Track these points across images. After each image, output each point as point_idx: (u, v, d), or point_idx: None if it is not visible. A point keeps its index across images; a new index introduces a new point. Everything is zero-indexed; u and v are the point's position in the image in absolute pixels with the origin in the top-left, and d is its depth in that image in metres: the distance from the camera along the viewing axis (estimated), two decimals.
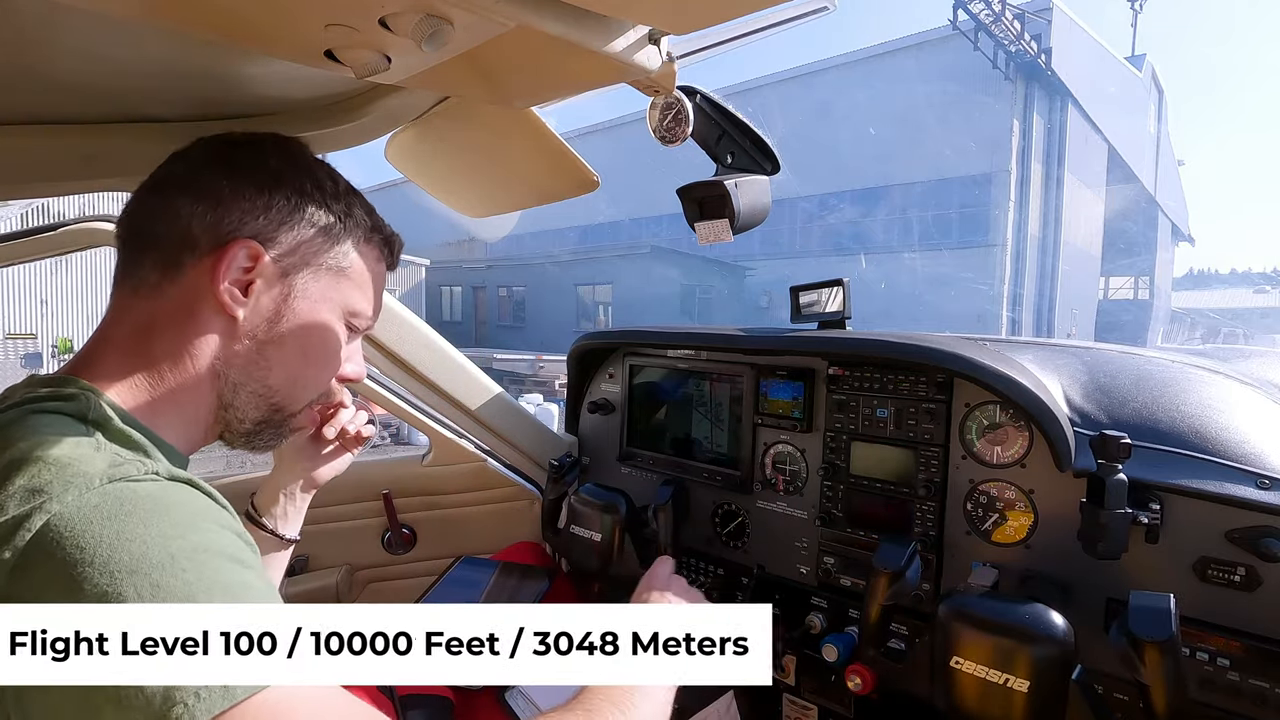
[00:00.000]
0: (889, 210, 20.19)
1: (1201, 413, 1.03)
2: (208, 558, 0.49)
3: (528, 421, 1.75)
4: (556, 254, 24.92)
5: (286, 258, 0.68)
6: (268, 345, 0.69)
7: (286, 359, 0.70)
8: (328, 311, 0.72)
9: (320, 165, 0.74)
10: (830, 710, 1.30)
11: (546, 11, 0.58)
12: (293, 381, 0.72)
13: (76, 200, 10.56)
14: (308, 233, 0.70)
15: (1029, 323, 19.50)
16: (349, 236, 0.74)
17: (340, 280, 0.73)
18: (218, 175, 0.67)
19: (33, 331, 13.37)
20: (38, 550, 0.45)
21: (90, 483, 0.49)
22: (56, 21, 0.68)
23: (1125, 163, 23.26)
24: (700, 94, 0.91)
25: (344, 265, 0.73)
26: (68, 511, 0.46)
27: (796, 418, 1.34)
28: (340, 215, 0.73)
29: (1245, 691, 0.90)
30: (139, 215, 0.69)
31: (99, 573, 0.44)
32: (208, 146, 0.71)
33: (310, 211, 0.70)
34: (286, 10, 0.56)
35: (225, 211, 0.66)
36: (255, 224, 0.67)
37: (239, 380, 0.69)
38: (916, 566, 1.07)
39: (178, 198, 0.67)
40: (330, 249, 0.72)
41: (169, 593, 0.45)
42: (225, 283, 0.65)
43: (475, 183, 1.25)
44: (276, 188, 0.68)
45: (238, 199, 0.67)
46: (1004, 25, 17.36)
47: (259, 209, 0.67)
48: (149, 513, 0.49)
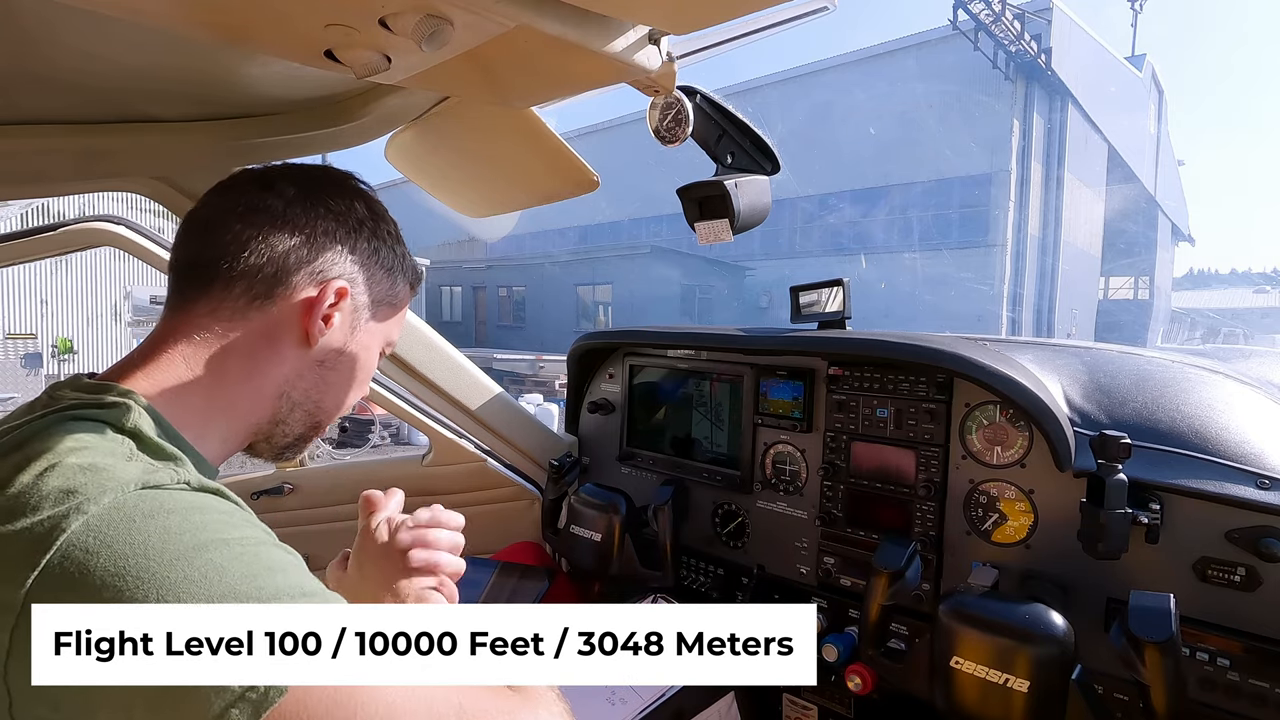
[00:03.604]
0: (889, 210, 20.18)
1: (1201, 413, 1.03)
2: (248, 546, 0.51)
3: (528, 421, 1.75)
4: (556, 254, 24.91)
5: (360, 295, 0.76)
6: (330, 371, 0.75)
7: (341, 383, 0.77)
8: (379, 342, 0.80)
9: (385, 209, 0.81)
10: (830, 710, 1.30)
11: (546, 11, 0.58)
12: (339, 403, 0.79)
13: (76, 200, 10.55)
14: (379, 274, 0.77)
15: (1029, 323, 19.49)
16: (404, 277, 0.81)
17: (392, 315, 0.81)
18: (313, 216, 0.73)
19: (33, 331, 13.36)
20: (74, 550, 0.45)
21: (125, 487, 0.50)
22: (57, 21, 0.68)
23: (1125, 163, 23.26)
24: (700, 94, 0.91)
25: (398, 303, 0.81)
26: (103, 513, 0.47)
27: (796, 418, 1.34)
28: (401, 258, 0.80)
29: (1245, 691, 0.90)
30: (223, 241, 0.70)
31: (138, 568, 0.45)
32: (297, 183, 0.74)
33: (383, 256, 0.78)
34: (286, 10, 0.56)
35: (319, 252, 0.73)
36: (343, 264, 0.74)
37: (298, 400, 0.74)
38: (916, 566, 1.07)
39: (272, 234, 0.71)
40: (391, 288, 0.80)
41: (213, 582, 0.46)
42: (318, 319, 0.72)
43: (475, 183, 1.25)
44: (359, 232, 0.76)
45: (331, 240, 0.73)
46: (1004, 25, 17.35)
47: (346, 251, 0.74)
48: (184, 514, 0.50)
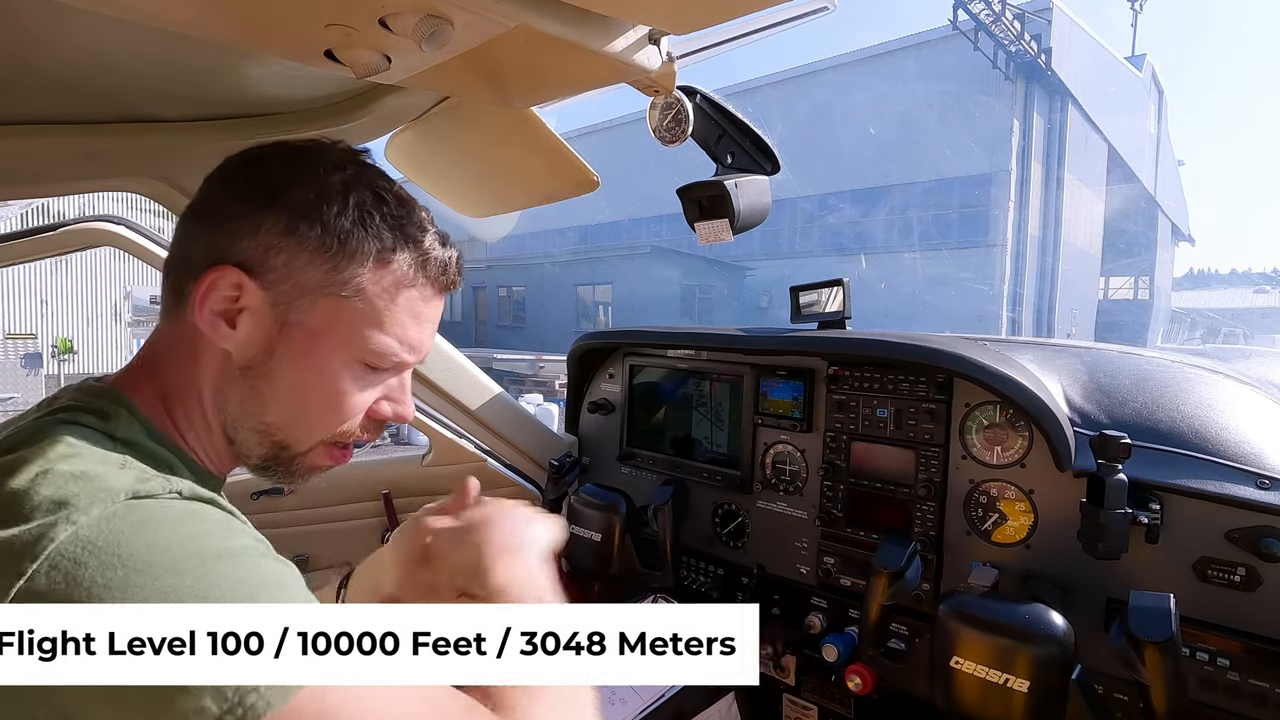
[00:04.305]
0: (889, 210, 20.18)
1: (1201, 413, 1.03)
2: (240, 557, 0.49)
3: (528, 421, 1.75)
4: (556, 254, 24.91)
5: (278, 285, 0.61)
6: (261, 381, 0.63)
7: (282, 396, 0.63)
8: (328, 346, 0.63)
9: (336, 170, 0.64)
10: (830, 710, 1.30)
11: (546, 11, 0.58)
12: (292, 420, 0.65)
13: (76, 200, 10.54)
14: (300, 257, 0.61)
15: (1029, 323, 19.49)
16: (355, 259, 0.62)
17: (344, 309, 0.63)
18: (217, 193, 0.64)
19: (33, 331, 13.36)
20: (62, 560, 0.44)
21: (115, 497, 0.48)
22: (57, 21, 0.68)
23: (1125, 163, 23.25)
24: (700, 94, 0.91)
25: (348, 293, 0.62)
26: (91, 523, 0.46)
27: (796, 418, 1.34)
28: (342, 234, 0.62)
29: (1245, 691, 0.90)
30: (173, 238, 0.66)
31: (124, 580, 0.44)
32: (225, 163, 0.66)
33: (305, 229, 0.61)
34: (286, 10, 0.56)
35: (217, 235, 0.61)
36: (243, 248, 0.60)
37: (237, 416, 0.64)
38: (916, 566, 1.07)
39: (190, 220, 0.64)
40: (330, 274, 0.62)
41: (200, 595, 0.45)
42: (206, 313, 0.60)
43: (475, 183, 1.25)
44: (270, 205, 0.61)
45: (231, 219, 0.61)
46: (1004, 25, 17.35)
47: (249, 230, 0.60)
48: (174, 525, 0.48)
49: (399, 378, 0.71)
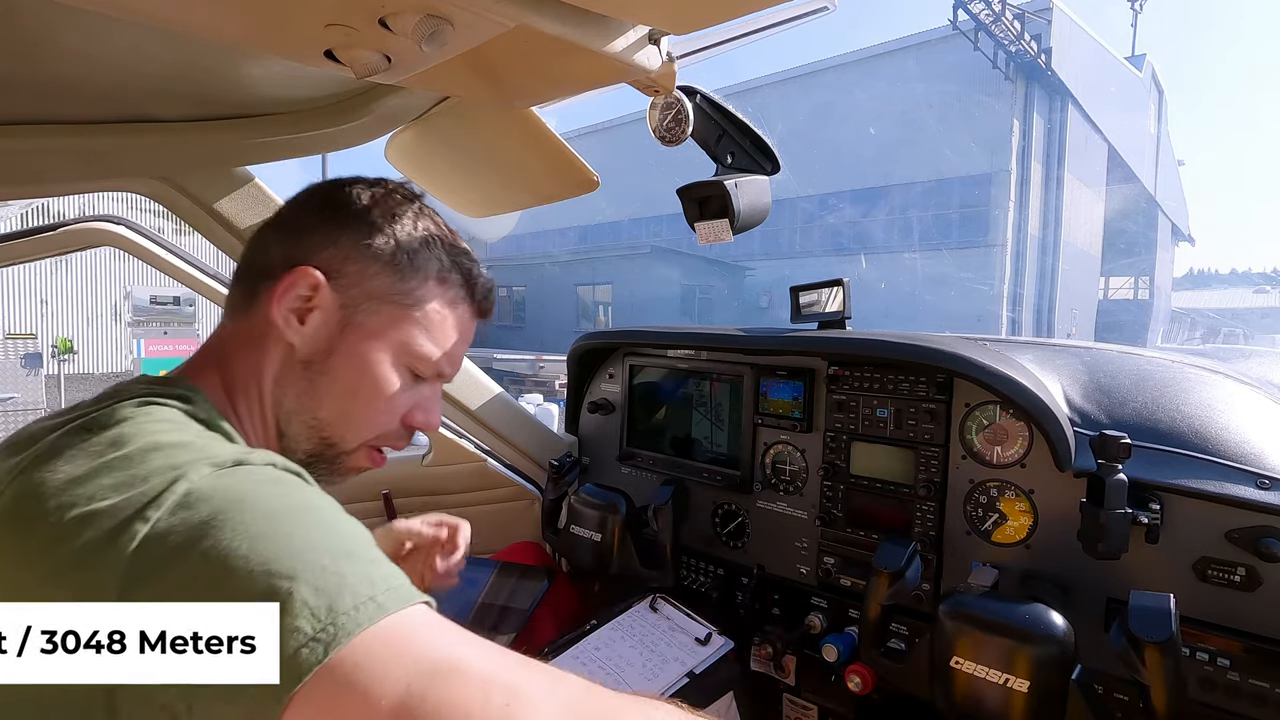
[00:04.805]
0: (889, 210, 20.18)
1: (1201, 413, 1.03)
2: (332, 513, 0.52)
3: (528, 421, 1.75)
4: (556, 254, 24.91)
5: (348, 290, 0.69)
6: (320, 376, 0.70)
7: (336, 392, 0.70)
8: (383, 348, 0.71)
9: (406, 203, 0.75)
10: (830, 710, 1.30)
11: (546, 11, 0.58)
12: (342, 416, 0.72)
13: (76, 200, 10.55)
14: (372, 267, 0.70)
15: (1029, 323, 19.49)
16: (419, 274, 0.72)
17: (402, 318, 0.72)
18: (303, 210, 0.72)
19: (33, 331, 13.36)
20: (180, 508, 0.48)
21: (224, 462, 0.52)
22: (57, 22, 0.68)
23: (1125, 163, 23.25)
24: (700, 94, 0.91)
25: (409, 303, 0.72)
26: (205, 479, 0.50)
27: (796, 418, 1.34)
28: (411, 251, 0.72)
29: (1245, 691, 0.90)
30: (245, 248, 0.75)
31: (238, 516, 0.47)
32: (309, 187, 0.75)
33: (379, 246, 0.70)
34: (286, 10, 0.56)
35: (299, 242, 0.70)
36: (322, 255, 0.69)
37: (292, 409, 0.70)
38: (916, 566, 1.07)
39: (270, 231, 0.73)
40: (396, 285, 0.71)
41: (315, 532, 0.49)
42: (282, 308, 0.68)
43: (475, 183, 1.25)
44: (350, 222, 0.71)
45: (312, 232, 0.70)
46: (1004, 25, 17.35)
47: (329, 242, 0.70)
48: (275, 483, 0.53)
49: (432, 389, 0.78)
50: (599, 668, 1.22)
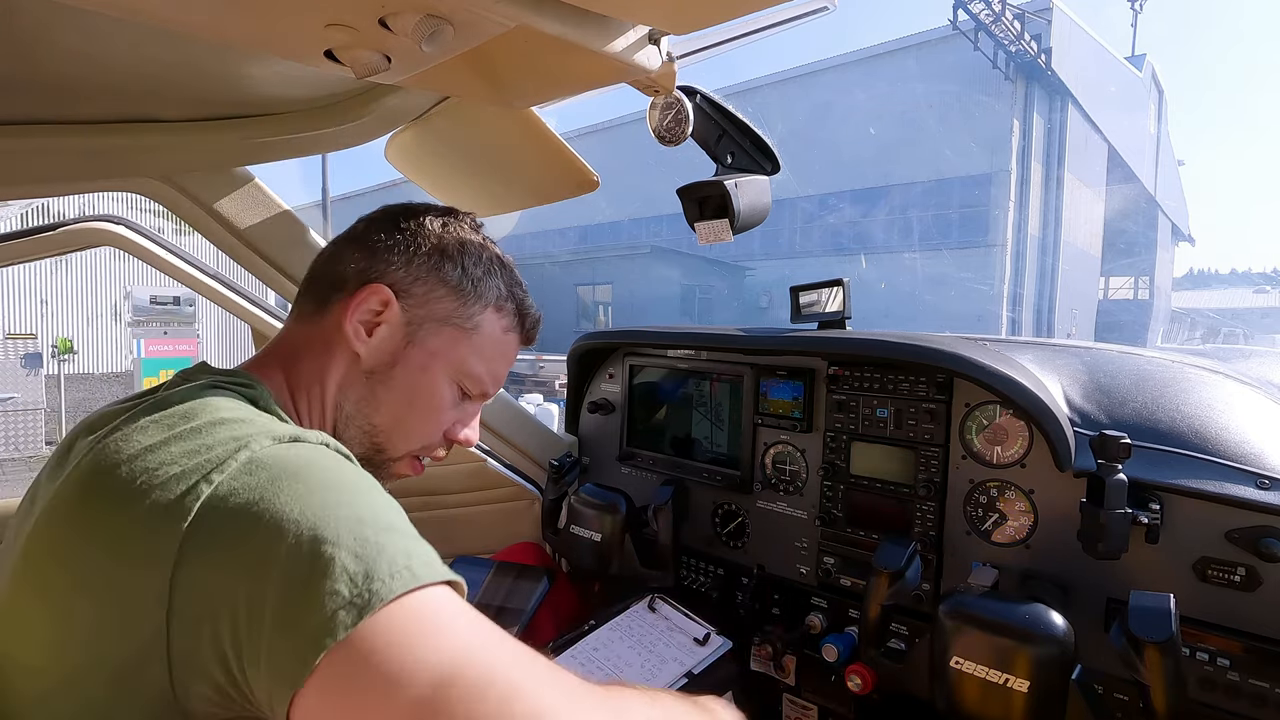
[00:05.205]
0: (889, 210, 20.17)
1: (1201, 413, 1.03)
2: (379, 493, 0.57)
3: (528, 421, 1.75)
4: (556, 254, 24.90)
5: (415, 310, 0.76)
6: (380, 386, 0.75)
7: (393, 401, 0.76)
8: (440, 365, 0.78)
9: (473, 232, 0.82)
10: (830, 710, 1.30)
11: (546, 11, 0.58)
12: (396, 424, 0.77)
13: (76, 200, 10.54)
14: (439, 290, 0.77)
15: (1029, 323, 19.49)
16: (479, 300, 0.79)
17: (461, 339, 0.78)
18: (379, 230, 0.78)
19: (33, 331, 13.35)
20: (241, 472, 0.52)
21: (281, 438, 0.57)
22: (57, 22, 0.68)
23: (1125, 163, 23.25)
24: (700, 94, 0.91)
25: (468, 326, 0.79)
26: (264, 449, 0.55)
27: (796, 418, 1.34)
28: (475, 279, 0.79)
29: (1245, 691, 0.90)
30: (318, 259, 0.80)
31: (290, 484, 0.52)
32: (385, 208, 0.81)
33: (448, 270, 0.77)
34: (286, 10, 0.56)
35: (374, 260, 0.76)
36: (394, 274, 0.75)
37: (351, 413, 0.76)
38: (916, 566, 1.06)
39: (345, 246, 0.78)
40: (459, 309, 0.78)
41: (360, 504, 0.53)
42: (354, 320, 0.73)
43: (475, 183, 1.25)
44: (424, 245, 0.77)
45: (387, 252, 0.76)
46: (1004, 25, 17.34)
47: (403, 262, 0.76)
48: (325, 458, 0.57)
49: (474, 406, 0.85)
50: (597, 668, 1.22)
